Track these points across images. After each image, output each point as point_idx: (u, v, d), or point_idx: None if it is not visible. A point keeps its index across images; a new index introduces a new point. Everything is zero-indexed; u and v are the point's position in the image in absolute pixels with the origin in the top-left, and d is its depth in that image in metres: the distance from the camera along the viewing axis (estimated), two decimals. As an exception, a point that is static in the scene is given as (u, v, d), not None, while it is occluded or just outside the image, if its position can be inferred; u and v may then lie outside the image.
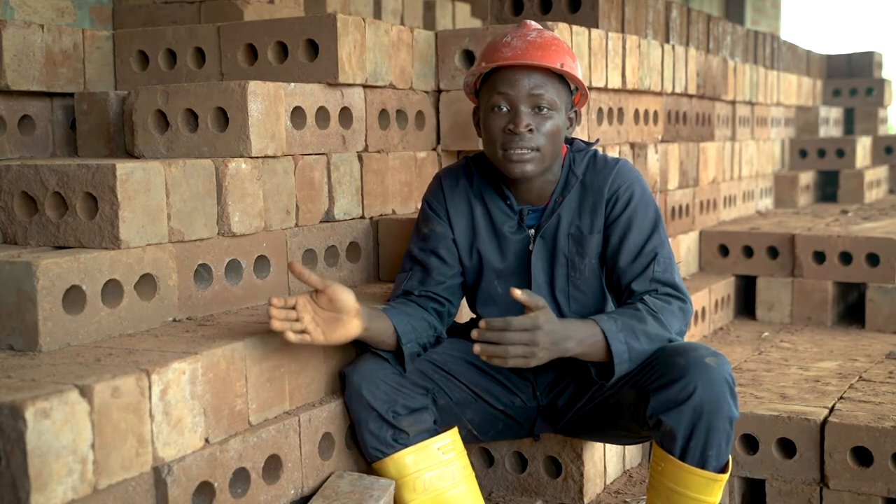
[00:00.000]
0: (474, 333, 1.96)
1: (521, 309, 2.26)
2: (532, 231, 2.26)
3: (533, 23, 2.26)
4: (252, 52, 2.76)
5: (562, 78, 2.17)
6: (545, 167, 2.17)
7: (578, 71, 2.20)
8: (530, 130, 2.11)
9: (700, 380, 1.99)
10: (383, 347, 2.13)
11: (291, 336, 1.89)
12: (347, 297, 1.96)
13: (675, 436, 2.02)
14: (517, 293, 1.95)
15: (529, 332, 1.95)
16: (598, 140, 2.44)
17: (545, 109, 2.13)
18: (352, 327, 1.99)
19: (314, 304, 1.94)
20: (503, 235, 2.27)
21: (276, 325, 1.88)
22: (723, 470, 2.06)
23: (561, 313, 2.27)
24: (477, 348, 1.95)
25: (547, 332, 1.97)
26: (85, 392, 1.58)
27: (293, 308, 1.91)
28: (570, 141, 2.32)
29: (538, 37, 2.17)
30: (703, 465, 2.03)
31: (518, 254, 2.27)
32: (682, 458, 2.04)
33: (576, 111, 2.26)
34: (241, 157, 2.31)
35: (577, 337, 2.02)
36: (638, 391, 2.11)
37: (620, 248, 2.19)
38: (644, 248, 2.18)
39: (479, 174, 2.31)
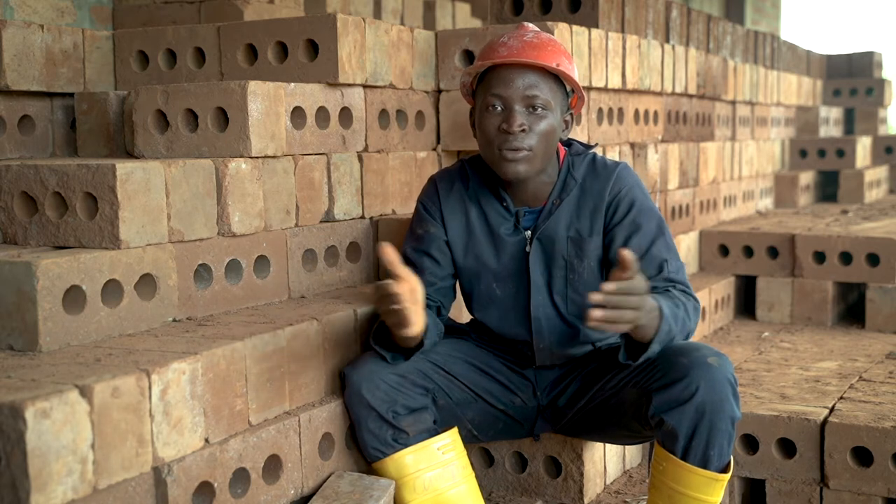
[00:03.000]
0: (598, 297, 1.82)
1: (521, 313, 2.27)
2: (528, 233, 2.26)
3: (531, 25, 2.26)
4: (252, 52, 2.76)
5: (557, 79, 2.18)
6: (539, 168, 2.17)
7: (575, 73, 2.20)
8: (523, 130, 2.11)
9: (703, 380, 1.99)
10: (406, 343, 2.09)
11: (413, 331, 1.93)
12: (422, 289, 1.97)
13: (677, 435, 2.02)
14: (626, 253, 1.82)
15: (640, 297, 1.87)
16: (596, 143, 2.44)
17: (539, 109, 2.13)
18: (423, 317, 2.01)
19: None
20: (499, 237, 2.27)
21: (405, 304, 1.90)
22: (724, 470, 2.06)
23: (560, 315, 2.27)
24: (598, 313, 1.81)
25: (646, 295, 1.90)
26: (85, 392, 1.58)
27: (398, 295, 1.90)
28: (568, 143, 2.32)
29: (535, 37, 2.17)
30: (704, 464, 2.03)
31: (515, 255, 2.27)
32: (684, 457, 2.04)
33: (571, 114, 2.26)
34: (241, 157, 2.31)
35: (650, 305, 1.93)
36: (640, 390, 2.11)
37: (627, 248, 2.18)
38: (653, 249, 2.18)
39: (474, 176, 2.31)
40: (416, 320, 1.96)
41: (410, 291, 1.93)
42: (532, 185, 2.23)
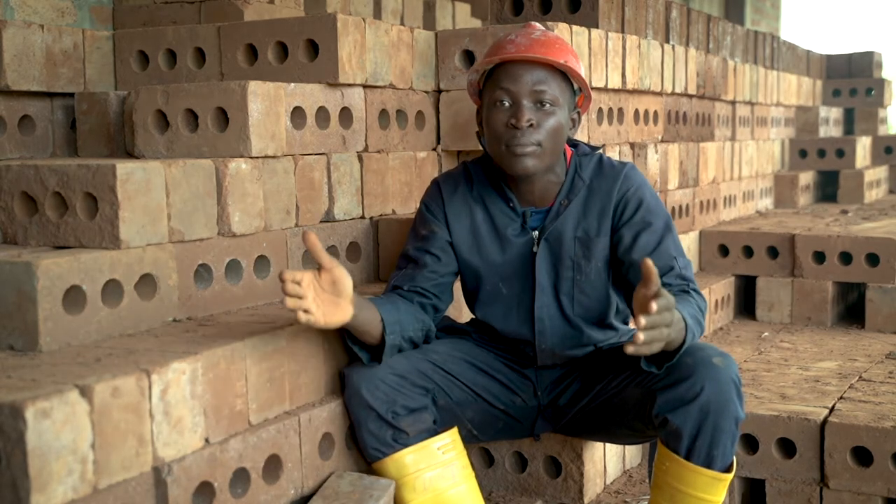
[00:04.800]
0: (643, 322, 1.74)
1: (525, 313, 2.27)
2: (536, 233, 2.26)
3: (537, 24, 2.27)
4: (252, 52, 2.76)
5: (565, 76, 2.18)
6: (546, 165, 2.18)
7: (582, 72, 2.21)
8: (531, 125, 2.12)
9: (707, 380, 1.99)
10: (367, 339, 2.09)
11: (301, 317, 1.85)
12: (349, 282, 1.92)
13: (681, 435, 2.02)
14: (649, 263, 1.76)
15: (671, 313, 1.82)
16: (603, 144, 2.44)
17: (547, 105, 2.13)
18: (347, 312, 1.95)
19: (316, 283, 1.89)
20: (506, 238, 2.27)
21: (290, 302, 1.83)
22: (727, 470, 2.06)
23: (564, 315, 2.27)
24: (642, 336, 1.74)
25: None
26: (85, 392, 1.58)
27: (299, 283, 1.85)
28: (574, 144, 2.32)
29: (542, 35, 2.18)
30: (708, 464, 2.03)
31: (522, 256, 2.26)
32: (688, 457, 2.03)
33: (578, 112, 2.26)
34: (241, 157, 2.31)
35: (676, 317, 1.88)
36: (644, 390, 2.11)
37: (634, 246, 2.18)
38: (661, 247, 2.18)
39: (479, 178, 2.31)
40: (329, 313, 1.91)
41: (331, 283, 1.90)
42: (539, 185, 2.23)
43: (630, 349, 1.77)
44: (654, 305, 1.75)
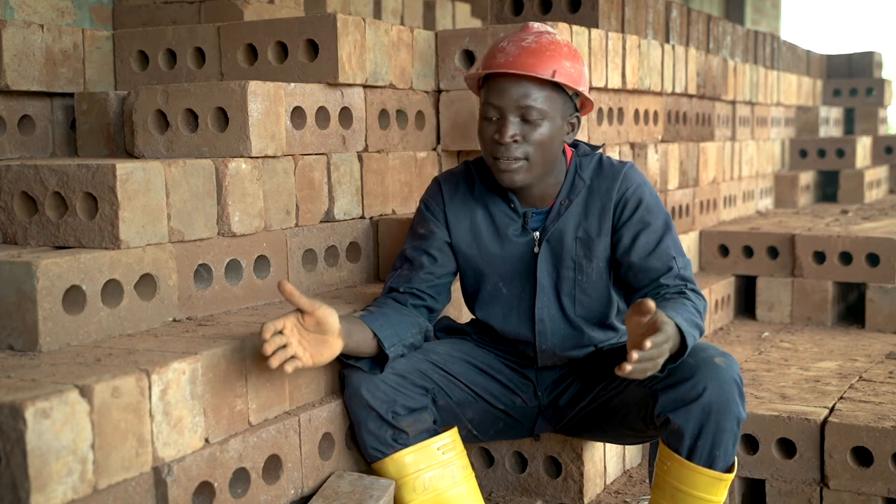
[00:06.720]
0: (634, 357, 1.78)
1: (525, 313, 2.27)
2: (537, 234, 2.25)
3: (535, 25, 2.22)
4: (252, 52, 2.76)
5: (557, 84, 2.15)
6: (537, 175, 2.17)
7: (584, 74, 2.18)
8: (516, 140, 2.11)
9: (710, 380, 1.99)
10: (363, 356, 2.10)
11: (288, 367, 1.85)
12: (334, 320, 1.93)
13: (682, 435, 2.02)
14: (650, 304, 1.81)
15: (667, 343, 1.86)
16: (603, 144, 2.44)
17: (535, 119, 2.12)
18: (336, 347, 1.96)
19: (300, 325, 1.90)
20: (507, 238, 2.27)
21: (274, 362, 1.83)
22: (729, 470, 2.06)
23: (565, 316, 2.27)
24: (629, 367, 1.79)
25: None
26: (85, 392, 1.58)
27: (281, 332, 1.85)
28: (575, 144, 2.31)
29: (534, 42, 2.15)
30: (710, 464, 2.03)
31: (523, 256, 2.26)
32: (690, 457, 2.03)
33: (578, 117, 2.24)
34: (241, 157, 2.31)
35: (672, 332, 1.90)
36: (645, 390, 2.11)
37: (633, 246, 2.18)
38: (661, 246, 2.18)
39: (480, 178, 2.30)
40: (317, 353, 1.92)
41: (316, 324, 1.90)
42: (539, 187, 2.23)
43: (619, 374, 1.80)
44: (648, 343, 1.78)
